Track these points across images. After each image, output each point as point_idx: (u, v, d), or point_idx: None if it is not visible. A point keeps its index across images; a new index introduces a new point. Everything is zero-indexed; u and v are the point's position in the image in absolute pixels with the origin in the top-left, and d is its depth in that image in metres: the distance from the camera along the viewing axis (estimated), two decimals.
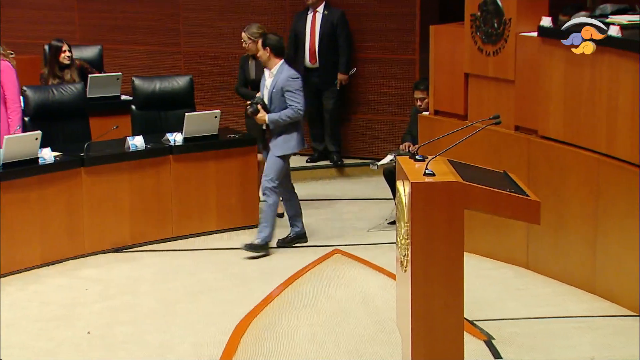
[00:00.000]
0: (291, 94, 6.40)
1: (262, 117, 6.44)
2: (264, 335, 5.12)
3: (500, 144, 6.00)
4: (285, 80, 6.42)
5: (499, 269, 6.01)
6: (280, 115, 6.42)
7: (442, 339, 4.08)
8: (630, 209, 5.20)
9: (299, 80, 6.48)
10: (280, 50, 6.49)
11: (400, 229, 4.31)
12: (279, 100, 6.43)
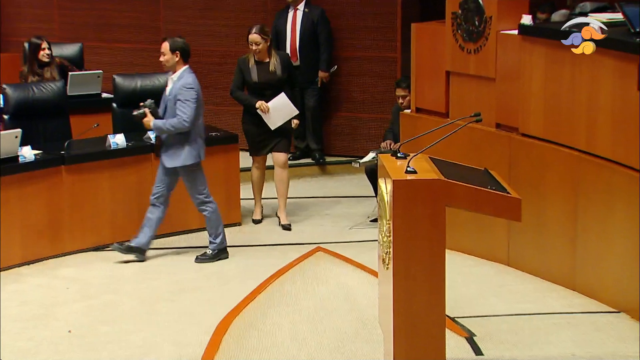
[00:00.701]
0: (181, 104, 6.04)
1: (148, 122, 6.12)
2: (246, 333, 5.11)
3: (481, 141, 6.02)
4: (179, 88, 6.08)
5: (480, 266, 6.03)
6: (165, 123, 6.08)
7: (423, 335, 4.10)
8: (610, 206, 5.24)
9: (193, 91, 6.09)
10: (188, 55, 6.19)
11: (382, 227, 4.31)
12: (172, 108, 6.09)
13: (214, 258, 6.30)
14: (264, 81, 6.81)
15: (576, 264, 5.53)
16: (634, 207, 5.06)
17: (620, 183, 5.16)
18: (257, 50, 6.78)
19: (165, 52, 6.14)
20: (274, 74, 6.83)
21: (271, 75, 6.82)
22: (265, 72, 6.78)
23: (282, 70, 6.84)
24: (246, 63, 6.87)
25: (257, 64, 6.82)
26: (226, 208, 6.96)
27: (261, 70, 6.80)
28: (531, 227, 5.67)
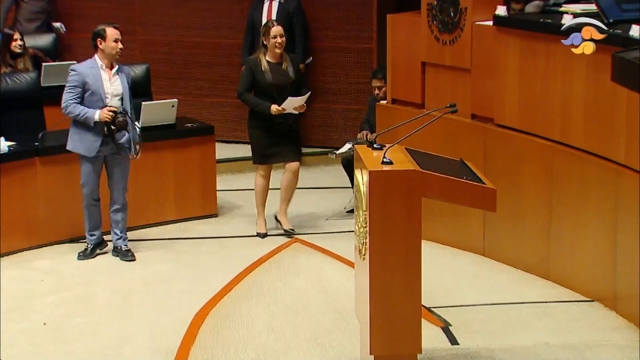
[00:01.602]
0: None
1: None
2: (222, 324, 5.10)
3: (457, 132, 6.03)
4: None
5: (456, 256, 6.06)
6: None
7: (400, 326, 4.11)
8: (583, 196, 5.27)
9: (70, 75, 5.91)
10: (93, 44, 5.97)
11: (358, 217, 4.31)
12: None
13: (93, 253, 6.12)
14: (278, 83, 6.34)
15: (550, 254, 5.57)
16: (607, 197, 5.10)
17: (594, 173, 5.19)
18: (281, 44, 6.34)
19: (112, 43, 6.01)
20: (288, 76, 6.40)
21: (285, 77, 6.39)
22: (279, 74, 6.36)
23: (295, 74, 6.46)
24: (258, 64, 6.37)
25: (271, 65, 6.37)
26: (202, 199, 6.95)
27: (276, 72, 6.36)
28: (506, 217, 5.69)
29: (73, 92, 5.89)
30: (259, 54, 6.42)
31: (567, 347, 4.71)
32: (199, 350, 4.80)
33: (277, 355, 4.73)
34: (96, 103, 5.87)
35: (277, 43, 6.35)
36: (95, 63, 5.95)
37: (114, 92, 5.95)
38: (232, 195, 7.49)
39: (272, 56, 6.38)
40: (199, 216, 6.92)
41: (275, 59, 6.39)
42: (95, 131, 5.90)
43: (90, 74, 5.90)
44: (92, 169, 6.00)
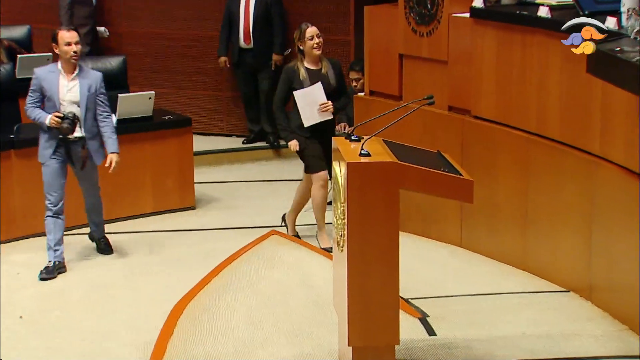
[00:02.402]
0: None
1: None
2: (201, 316, 5.09)
3: (434, 124, 6.05)
4: None
5: (433, 248, 6.08)
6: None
7: (378, 317, 4.12)
8: (559, 187, 5.31)
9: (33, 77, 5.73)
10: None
11: (336, 210, 4.32)
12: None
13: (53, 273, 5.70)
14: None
15: (527, 245, 5.60)
16: (583, 189, 5.13)
17: (570, 165, 5.23)
18: (320, 44, 5.89)
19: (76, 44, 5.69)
20: (329, 84, 5.92)
21: (325, 84, 5.90)
22: (318, 80, 5.88)
23: (336, 80, 5.97)
24: (296, 73, 5.92)
25: (310, 72, 5.91)
26: (180, 192, 6.94)
27: (315, 79, 5.89)
28: (483, 209, 5.72)
29: (33, 95, 5.74)
30: (297, 62, 5.96)
31: (543, 337, 4.75)
32: (177, 342, 4.79)
33: (255, 347, 4.73)
34: (52, 108, 5.67)
35: (315, 44, 5.88)
36: (56, 67, 5.75)
37: (71, 99, 5.69)
38: (209, 188, 7.48)
39: (310, 61, 5.92)
40: (176, 209, 6.90)
41: (314, 64, 5.92)
42: (49, 137, 5.69)
43: (47, 78, 5.69)
44: (50, 175, 5.73)
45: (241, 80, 8.48)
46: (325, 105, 5.83)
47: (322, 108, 5.83)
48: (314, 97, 5.83)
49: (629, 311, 4.84)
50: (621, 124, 4.82)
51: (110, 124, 5.81)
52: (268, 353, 4.66)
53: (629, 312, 4.84)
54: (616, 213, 4.88)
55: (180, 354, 4.67)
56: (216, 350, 4.71)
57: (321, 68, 5.95)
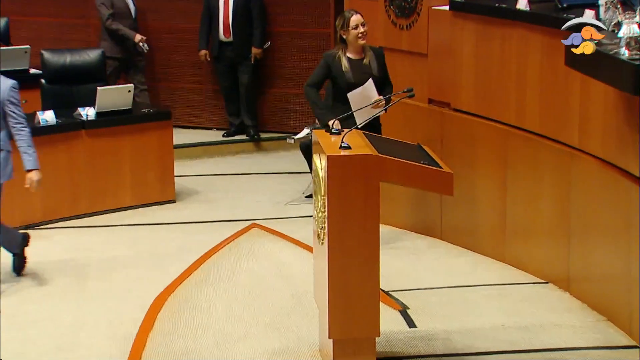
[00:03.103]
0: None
1: None
2: (181, 310, 5.07)
3: (414, 116, 6.05)
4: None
5: (414, 240, 6.09)
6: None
7: (358, 309, 4.12)
8: (538, 179, 5.33)
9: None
10: None
11: (317, 202, 4.31)
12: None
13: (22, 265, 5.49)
14: (361, 82, 5.51)
15: (506, 237, 5.62)
16: (561, 181, 5.16)
17: (548, 157, 5.25)
18: (365, 33, 5.52)
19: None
20: (370, 74, 5.55)
21: (367, 74, 5.54)
22: (361, 72, 5.51)
23: (379, 70, 5.59)
24: (337, 61, 5.54)
25: (352, 62, 5.55)
26: (160, 185, 6.91)
27: (357, 70, 5.52)
28: (463, 201, 5.73)
29: None
30: (338, 50, 5.58)
31: (522, 329, 4.77)
32: (157, 336, 4.76)
33: (236, 340, 4.71)
34: None
35: (359, 33, 5.51)
36: None
37: None
38: (190, 181, 7.45)
39: (353, 50, 5.55)
40: (156, 202, 6.86)
41: (357, 54, 5.55)
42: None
43: None
44: None
45: (221, 74, 8.45)
46: (378, 101, 5.44)
47: (375, 105, 5.41)
48: (367, 94, 5.48)
49: (606, 302, 4.87)
50: (599, 116, 4.84)
51: (25, 137, 5.21)
52: (248, 346, 4.64)
53: (606, 303, 4.87)
54: (594, 204, 4.91)
55: (160, 348, 4.64)
56: (197, 344, 4.69)
57: (363, 58, 5.57)
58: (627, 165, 4.61)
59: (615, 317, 4.79)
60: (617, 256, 4.70)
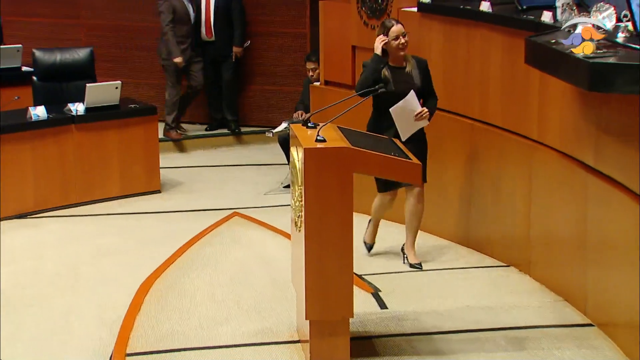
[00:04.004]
0: None
1: None
2: (166, 294, 5.04)
3: None
4: None
5: (386, 227, 6.08)
6: None
7: (333, 293, 4.11)
8: (501, 170, 5.35)
9: None
10: None
11: (294, 192, 4.30)
12: None
13: None
14: (402, 91, 5.02)
15: (471, 223, 5.64)
16: (522, 171, 5.18)
17: (510, 149, 5.27)
18: (405, 45, 5.07)
19: None
20: (412, 82, 5.09)
21: (408, 83, 5.07)
22: (402, 81, 5.04)
23: (421, 80, 5.13)
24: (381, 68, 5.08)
25: (392, 70, 5.08)
26: (146, 176, 6.87)
27: (398, 79, 5.05)
28: (431, 190, 5.73)
29: None
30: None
31: (485, 309, 4.79)
32: (144, 319, 4.73)
33: (219, 323, 4.70)
34: None
35: (400, 44, 5.06)
36: None
37: None
38: (174, 173, 7.41)
39: (394, 60, 5.11)
40: (142, 192, 6.82)
41: (397, 62, 5.11)
42: None
43: None
44: None
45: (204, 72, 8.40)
46: (421, 113, 5.06)
47: (418, 117, 5.05)
48: (410, 107, 5.05)
49: (564, 283, 4.90)
50: (556, 111, 4.86)
51: None
52: (231, 328, 4.63)
53: (564, 284, 4.90)
54: (552, 193, 4.93)
55: (147, 330, 4.62)
56: (182, 326, 4.67)
57: (405, 66, 5.12)
58: (582, 156, 4.63)
59: (572, 297, 4.83)
60: (573, 240, 4.73)
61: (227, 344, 4.47)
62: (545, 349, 4.37)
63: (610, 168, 4.39)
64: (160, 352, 4.40)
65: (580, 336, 4.49)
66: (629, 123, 4.18)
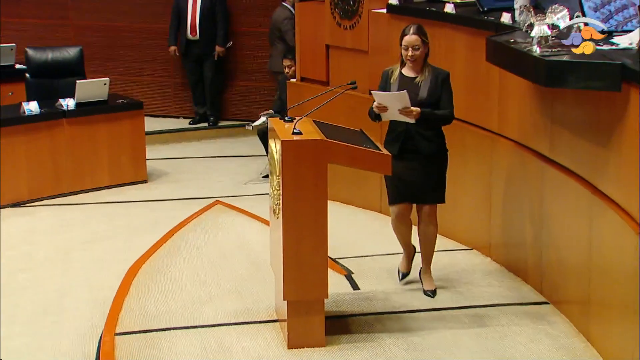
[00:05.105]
0: None
1: None
2: (153, 277, 5.00)
3: (357, 106, 6.01)
4: None
5: (357, 214, 6.09)
6: None
7: (309, 274, 4.10)
8: (464, 160, 5.35)
9: None
10: None
11: (272, 182, 4.27)
12: None
13: None
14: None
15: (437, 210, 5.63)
16: (483, 161, 5.19)
17: (473, 140, 5.27)
18: (412, 58, 4.43)
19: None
20: (416, 94, 4.43)
21: (413, 94, 4.41)
22: (407, 89, 4.40)
23: (429, 92, 4.44)
24: (390, 75, 4.54)
25: (402, 78, 4.50)
26: (133, 167, 6.82)
27: (404, 86, 4.45)
28: None
29: None
30: (397, 66, 4.55)
31: (450, 289, 4.80)
32: (132, 300, 4.70)
33: (202, 303, 4.67)
34: None
35: (408, 56, 4.44)
36: None
37: None
38: (160, 163, 7.35)
39: (409, 68, 4.51)
40: (130, 182, 6.77)
41: (412, 72, 4.49)
42: None
43: None
44: None
45: (188, 69, 8.36)
46: (407, 110, 4.37)
47: (403, 111, 4.38)
48: (396, 100, 4.41)
49: (521, 265, 4.93)
50: (514, 105, 4.87)
51: None
52: (213, 308, 4.60)
53: (521, 266, 4.93)
54: (511, 180, 4.95)
55: (135, 310, 4.58)
56: (167, 307, 4.63)
57: (417, 77, 4.48)
58: (538, 146, 4.65)
59: (529, 277, 4.86)
60: (531, 225, 4.75)
61: (209, 323, 4.45)
62: (504, 325, 4.40)
63: (563, 157, 4.41)
64: (147, 331, 4.37)
65: (536, 313, 4.52)
66: (581, 116, 4.21)
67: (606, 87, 3.74)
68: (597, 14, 4.13)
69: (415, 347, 4.18)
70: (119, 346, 4.21)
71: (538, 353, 4.13)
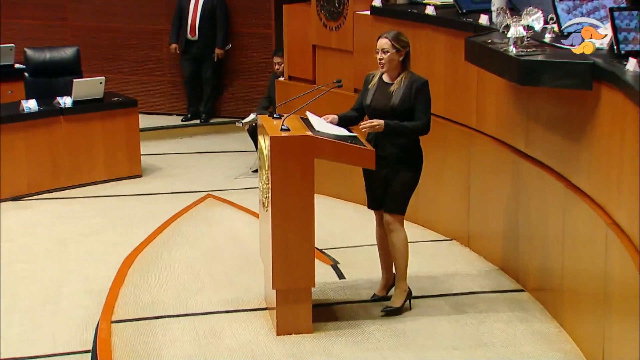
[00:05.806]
0: None
1: None
2: (148, 267, 4.98)
3: (342, 103, 5.98)
4: None
5: (343, 207, 6.09)
6: None
7: (297, 265, 4.10)
8: (444, 155, 5.36)
9: None
10: None
11: (262, 176, 4.26)
12: None
13: None
14: (375, 107, 4.23)
15: (418, 202, 5.63)
16: (463, 156, 5.20)
17: (452, 136, 5.28)
18: (382, 62, 4.20)
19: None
20: (388, 100, 4.20)
21: (385, 100, 4.21)
22: (381, 96, 4.22)
23: (401, 99, 4.18)
24: (370, 80, 4.33)
25: (379, 83, 4.27)
26: (128, 162, 6.79)
27: (380, 93, 4.24)
28: None
29: None
30: (379, 69, 4.30)
31: (430, 277, 4.82)
32: (127, 289, 4.68)
33: (194, 293, 4.66)
34: None
35: (378, 59, 4.22)
36: None
37: None
38: (154, 159, 7.32)
39: (386, 75, 4.29)
40: (125, 177, 6.73)
41: (389, 78, 4.27)
42: None
43: None
44: None
45: (186, 67, 8.33)
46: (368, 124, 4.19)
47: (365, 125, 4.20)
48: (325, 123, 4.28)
49: (498, 255, 4.95)
50: (492, 102, 4.88)
51: None
52: (205, 298, 4.59)
53: (498, 255, 4.95)
54: (488, 174, 4.96)
55: (130, 299, 4.56)
56: (161, 296, 4.62)
57: (393, 83, 4.24)
58: (515, 142, 4.67)
59: (506, 266, 4.88)
60: (507, 217, 4.77)
61: (202, 311, 4.44)
62: (482, 312, 4.41)
63: (538, 152, 4.42)
64: (142, 319, 4.36)
65: (513, 300, 4.54)
66: (555, 113, 4.22)
67: (578, 86, 3.75)
68: (570, 16, 4.14)
69: (397, 333, 4.19)
70: (115, 333, 4.20)
71: (514, 337, 4.15)
